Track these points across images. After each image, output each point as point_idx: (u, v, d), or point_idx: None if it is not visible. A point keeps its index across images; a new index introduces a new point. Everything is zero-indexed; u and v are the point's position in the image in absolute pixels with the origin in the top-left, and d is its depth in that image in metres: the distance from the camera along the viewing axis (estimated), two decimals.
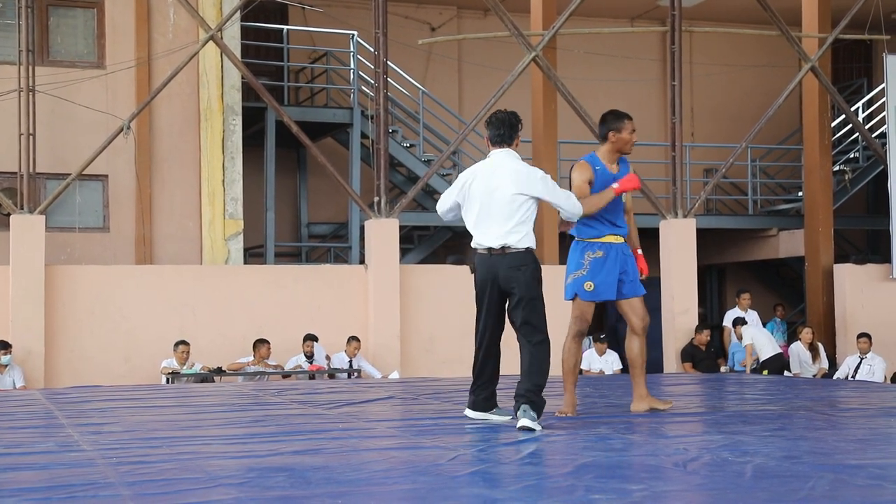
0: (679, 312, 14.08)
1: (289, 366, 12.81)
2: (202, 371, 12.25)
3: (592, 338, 14.73)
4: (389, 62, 14.08)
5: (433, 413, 7.09)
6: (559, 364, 6.53)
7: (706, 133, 20.45)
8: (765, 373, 13.21)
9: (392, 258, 13.47)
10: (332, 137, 17.46)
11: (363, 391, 9.02)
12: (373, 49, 13.92)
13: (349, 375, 12.72)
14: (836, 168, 18.29)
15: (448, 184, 17.11)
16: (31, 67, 12.80)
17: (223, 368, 12.42)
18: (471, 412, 6.32)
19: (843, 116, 18.11)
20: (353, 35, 17.08)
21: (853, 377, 13.32)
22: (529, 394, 5.86)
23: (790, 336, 16.89)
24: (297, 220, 18.25)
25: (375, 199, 13.53)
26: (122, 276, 13.06)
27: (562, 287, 6.61)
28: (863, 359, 13.51)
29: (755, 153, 19.01)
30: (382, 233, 13.40)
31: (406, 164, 16.99)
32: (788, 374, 13.54)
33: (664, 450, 4.99)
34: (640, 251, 6.78)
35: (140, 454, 5.09)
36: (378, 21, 13.47)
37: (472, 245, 6.16)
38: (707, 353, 13.92)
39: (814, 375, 13.86)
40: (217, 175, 14.80)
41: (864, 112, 19.39)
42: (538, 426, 5.76)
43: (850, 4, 15.21)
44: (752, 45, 19.90)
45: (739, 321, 14.28)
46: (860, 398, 7.81)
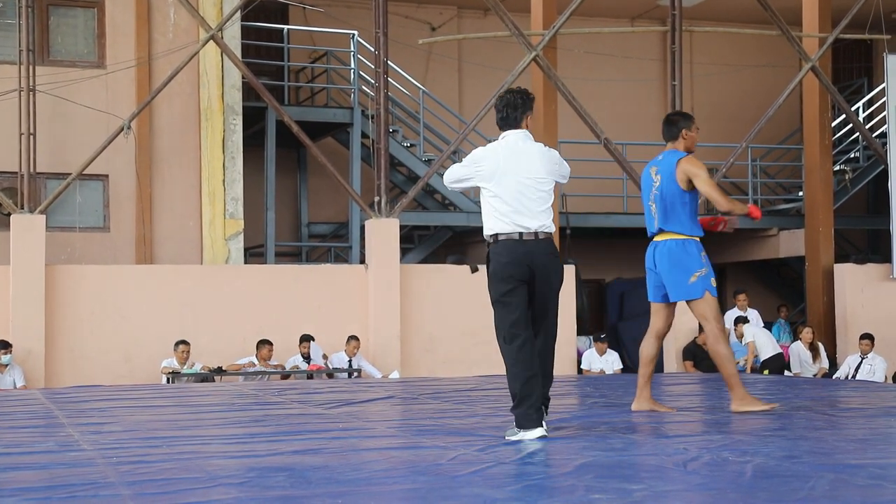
0: (679, 312, 14.02)
1: (288, 366, 12.80)
2: (202, 371, 12.25)
3: (593, 338, 14.73)
4: (390, 62, 14.09)
5: (433, 413, 7.10)
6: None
7: (706, 133, 20.35)
8: (765, 372, 13.21)
9: (392, 258, 13.47)
10: (333, 137, 17.45)
11: (363, 391, 9.02)
12: (373, 49, 13.93)
13: (349, 375, 12.73)
14: (837, 168, 18.28)
15: None
16: (32, 67, 12.80)
17: (223, 368, 12.42)
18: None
19: (844, 116, 18.10)
20: (354, 35, 17.09)
21: (854, 377, 13.31)
22: (547, 397, 5.62)
23: (793, 336, 16.88)
24: (298, 220, 18.24)
25: (376, 199, 13.53)
26: (123, 276, 13.06)
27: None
28: (863, 358, 13.51)
29: (755, 153, 19.00)
30: (383, 232, 13.40)
31: (406, 164, 16.99)
32: (789, 374, 13.54)
33: (664, 449, 4.98)
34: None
35: (140, 454, 5.09)
36: (378, 21, 13.47)
37: (493, 232, 5.57)
38: (709, 353, 13.92)
39: (814, 375, 13.86)
40: (217, 175, 14.80)
41: (865, 112, 19.39)
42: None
43: (851, 4, 15.20)
44: (753, 45, 19.89)
45: (741, 320, 14.28)
46: (861, 398, 7.81)
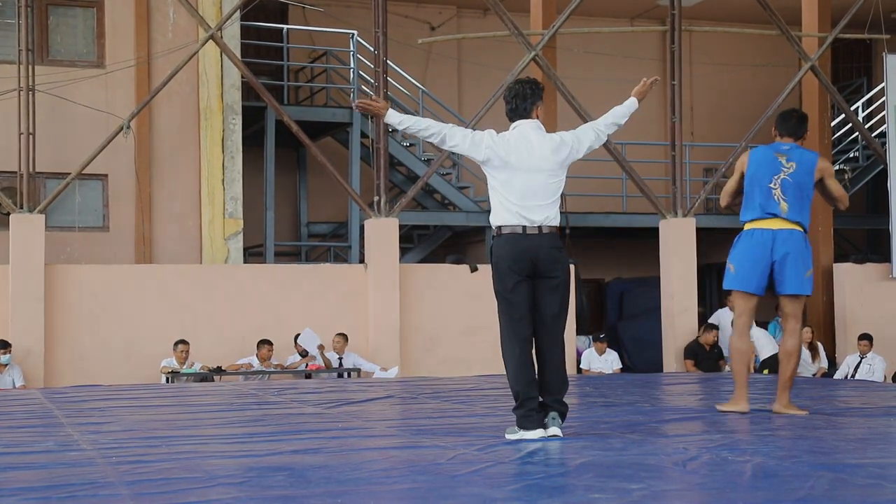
0: (678, 312, 14.08)
1: (287, 366, 12.79)
2: (202, 370, 12.25)
3: (592, 337, 14.74)
4: (389, 61, 14.08)
5: (433, 412, 7.10)
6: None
7: (706, 132, 20.44)
8: (765, 372, 13.21)
9: (392, 257, 13.47)
10: (332, 137, 17.45)
11: (363, 390, 9.02)
12: (372, 48, 13.92)
13: (339, 375, 12.64)
14: (836, 167, 18.27)
15: (448, 183, 17.13)
16: (31, 66, 12.79)
17: (223, 368, 12.41)
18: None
19: (843, 116, 18.09)
20: (353, 34, 17.08)
21: (853, 376, 13.31)
22: (560, 401, 5.44)
23: None
24: (297, 220, 18.23)
25: (375, 199, 13.52)
26: (122, 276, 13.05)
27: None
28: (863, 358, 13.52)
29: None
30: (382, 232, 13.39)
31: (406, 164, 16.98)
32: None
33: (664, 449, 4.98)
34: None
35: (139, 453, 5.09)
36: (378, 20, 13.47)
37: (497, 224, 5.43)
38: (710, 353, 13.95)
39: (813, 375, 13.86)
40: (217, 174, 14.79)
41: (864, 111, 19.39)
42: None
43: (850, 4, 15.20)
44: (752, 45, 19.89)
45: None
46: (860, 398, 7.81)
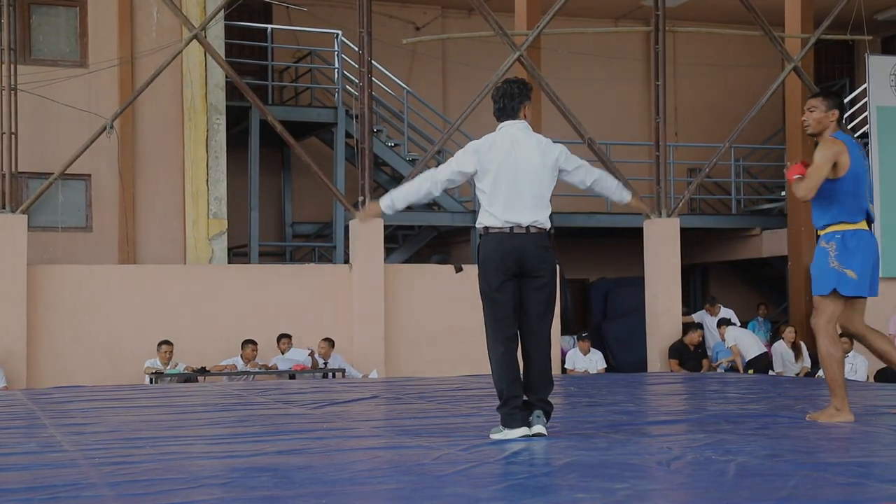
0: (662, 312, 14.12)
1: (271, 366, 12.76)
2: (186, 371, 12.21)
3: (577, 336, 14.76)
4: (374, 61, 14.07)
5: (417, 412, 7.10)
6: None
7: (690, 133, 20.50)
8: (750, 372, 13.27)
9: (376, 257, 13.46)
10: (317, 137, 17.43)
11: (347, 391, 9.01)
12: (357, 48, 13.91)
13: (324, 376, 12.63)
14: None
15: None
16: (14, 66, 12.75)
17: (207, 368, 12.38)
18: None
19: None
20: (338, 34, 17.06)
21: None
22: (545, 400, 5.47)
23: (773, 335, 16.95)
24: (282, 220, 18.21)
25: (360, 199, 13.52)
26: (105, 276, 13.01)
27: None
28: (845, 358, 13.56)
29: (738, 153, 19.06)
30: (367, 232, 13.38)
31: (391, 164, 16.97)
32: (772, 373, 13.60)
33: (647, 449, 5.00)
34: None
35: (123, 454, 5.07)
36: (362, 20, 13.46)
37: (484, 225, 5.45)
38: (694, 353, 14.00)
39: (796, 374, 13.91)
40: (201, 174, 14.76)
41: (847, 112, 19.47)
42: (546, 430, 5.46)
43: (833, 5, 15.27)
44: (736, 45, 19.96)
45: (724, 322, 14.40)
46: None
